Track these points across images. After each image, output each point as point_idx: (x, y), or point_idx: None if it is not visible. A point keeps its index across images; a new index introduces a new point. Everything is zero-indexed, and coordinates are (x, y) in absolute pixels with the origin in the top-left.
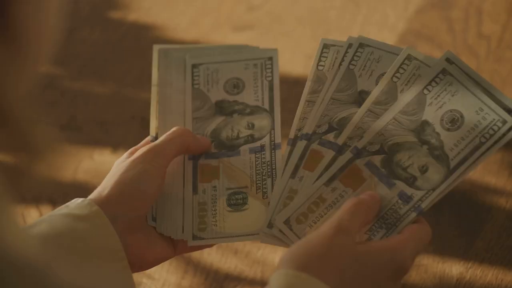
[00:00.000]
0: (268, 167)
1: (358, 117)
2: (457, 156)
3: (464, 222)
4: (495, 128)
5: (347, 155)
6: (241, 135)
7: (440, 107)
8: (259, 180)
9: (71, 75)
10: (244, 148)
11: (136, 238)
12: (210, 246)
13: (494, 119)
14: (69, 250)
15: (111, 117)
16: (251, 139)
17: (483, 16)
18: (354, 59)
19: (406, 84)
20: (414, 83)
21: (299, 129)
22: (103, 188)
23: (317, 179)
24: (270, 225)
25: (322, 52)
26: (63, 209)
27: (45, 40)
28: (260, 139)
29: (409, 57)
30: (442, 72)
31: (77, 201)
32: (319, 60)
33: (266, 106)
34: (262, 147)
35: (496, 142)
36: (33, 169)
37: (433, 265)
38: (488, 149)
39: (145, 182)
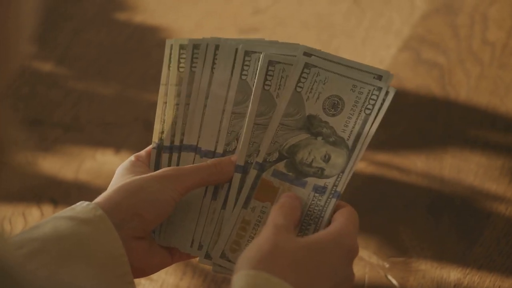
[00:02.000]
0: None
1: (248, 135)
2: (351, 135)
3: (463, 227)
4: (374, 97)
5: (252, 172)
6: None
7: (318, 98)
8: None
9: (76, 75)
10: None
11: (140, 244)
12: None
13: (369, 90)
14: (71, 253)
15: (114, 118)
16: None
17: (488, 22)
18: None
19: (279, 89)
20: (285, 86)
21: (249, 156)
22: (113, 193)
23: (234, 205)
24: (208, 256)
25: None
26: (68, 211)
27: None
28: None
29: (271, 63)
30: (305, 67)
31: (83, 204)
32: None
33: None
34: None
35: (379, 108)
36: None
37: (431, 271)
38: (375, 117)
39: (159, 201)
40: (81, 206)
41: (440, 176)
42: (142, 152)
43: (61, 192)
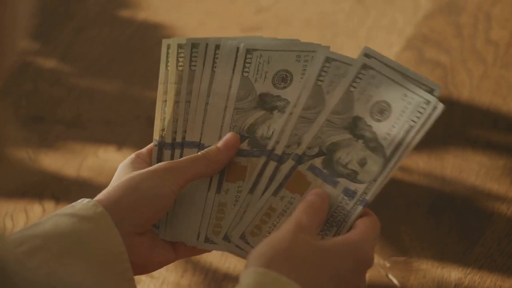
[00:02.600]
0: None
1: (291, 126)
2: (391, 144)
3: (464, 227)
4: (421, 110)
5: (289, 163)
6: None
7: (368, 101)
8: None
9: (78, 73)
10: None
11: (141, 240)
12: (209, 251)
13: (418, 102)
14: (71, 250)
15: (117, 116)
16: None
17: (492, 21)
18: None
19: (330, 86)
20: (339, 83)
21: (288, 146)
22: (113, 190)
23: (264, 191)
24: (226, 238)
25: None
26: (69, 208)
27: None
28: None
29: (328, 59)
30: (363, 67)
31: (83, 201)
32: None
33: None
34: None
35: (424, 122)
36: None
37: (431, 270)
38: (418, 131)
39: (158, 196)
40: (81, 204)
41: (442, 175)
42: (143, 150)
43: (63, 189)
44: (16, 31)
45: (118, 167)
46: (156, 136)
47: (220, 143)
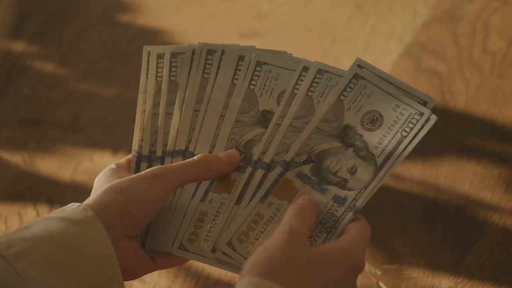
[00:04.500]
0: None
1: (280, 135)
2: (382, 153)
3: (456, 236)
4: (414, 121)
5: (277, 169)
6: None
7: (359, 110)
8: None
9: (78, 76)
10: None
11: (131, 244)
12: (185, 261)
13: (411, 113)
14: (60, 253)
15: (114, 120)
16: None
17: (490, 31)
18: (297, 83)
19: (321, 96)
20: (330, 92)
21: (277, 154)
22: (102, 194)
23: (251, 198)
24: (213, 250)
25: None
26: (58, 212)
27: None
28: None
29: (320, 71)
30: (354, 77)
31: (74, 205)
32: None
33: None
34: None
35: (417, 133)
36: None
37: (422, 279)
38: (410, 141)
39: (147, 201)
40: (71, 207)
41: (435, 184)
42: (122, 161)
43: (57, 193)
44: None
45: (97, 177)
46: (135, 146)
47: (222, 154)
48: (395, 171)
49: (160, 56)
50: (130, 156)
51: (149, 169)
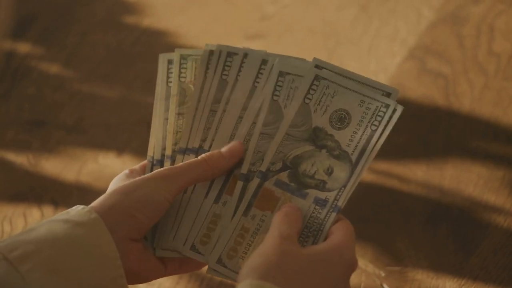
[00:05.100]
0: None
1: (254, 144)
2: (355, 150)
3: (460, 238)
4: (381, 114)
5: (255, 181)
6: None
7: (325, 111)
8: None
9: (82, 77)
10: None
11: (135, 246)
12: (198, 268)
13: (377, 106)
14: (64, 255)
15: (118, 121)
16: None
17: (495, 33)
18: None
19: (287, 99)
20: (294, 96)
21: (253, 164)
22: (107, 197)
23: (235, 212)
24: (210, 270)
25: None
26: (63, 215)
27: None
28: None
29: (281, 73)
30: (316, 79)
31: (78, 208)
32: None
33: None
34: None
35: (386, 125)
36: None
37: (426, 281)
38: (381, 134)
39: (152, 203)
40: (76, 210)
41: (440, 186)
42: (136, 167)
43: (62, 194)
44: None
45: (112, 181)
46: (150, 152)
47: (224, 149)
48: (400, 173)
49: (170, 62)
50: (145, 162)
51: (155, 171)
